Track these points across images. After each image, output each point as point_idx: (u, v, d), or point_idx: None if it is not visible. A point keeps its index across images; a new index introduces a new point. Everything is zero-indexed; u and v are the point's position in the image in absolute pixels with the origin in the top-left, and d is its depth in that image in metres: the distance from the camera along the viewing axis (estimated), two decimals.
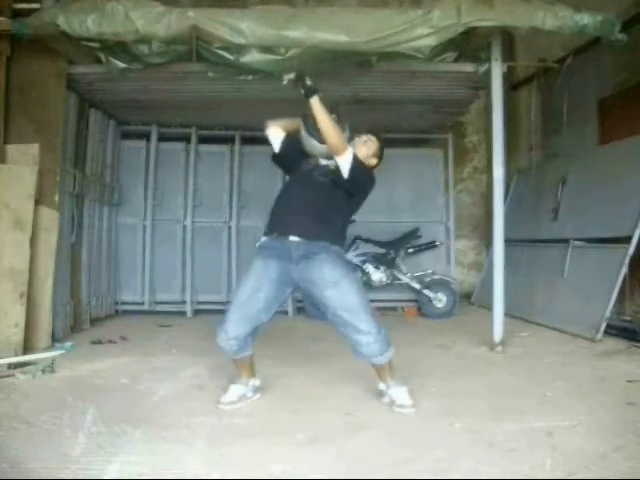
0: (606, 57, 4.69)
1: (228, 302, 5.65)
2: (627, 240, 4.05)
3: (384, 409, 2.61)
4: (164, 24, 3.42)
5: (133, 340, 4.24)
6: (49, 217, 3.91)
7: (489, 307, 4.09)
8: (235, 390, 2.70)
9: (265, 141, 2.88)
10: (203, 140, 5.85)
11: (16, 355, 3.40)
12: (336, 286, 2.47)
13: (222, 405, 2.62)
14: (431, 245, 5.75)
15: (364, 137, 2.79)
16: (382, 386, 2.67)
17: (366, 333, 2.46)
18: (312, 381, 3.10)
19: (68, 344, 3.89)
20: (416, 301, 5.64)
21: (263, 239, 2.64)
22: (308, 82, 2.56)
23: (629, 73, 4.65)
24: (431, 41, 3.46)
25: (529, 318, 4.83)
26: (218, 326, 2.58)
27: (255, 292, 2.50)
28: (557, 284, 4.74)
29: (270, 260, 2.54)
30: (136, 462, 1.98)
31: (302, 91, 2.55)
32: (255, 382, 2.78)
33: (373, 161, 2.79)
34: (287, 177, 3.08)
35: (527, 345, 4.02)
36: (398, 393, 2.61)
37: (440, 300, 5.46)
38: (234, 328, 2.52)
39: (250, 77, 3.82)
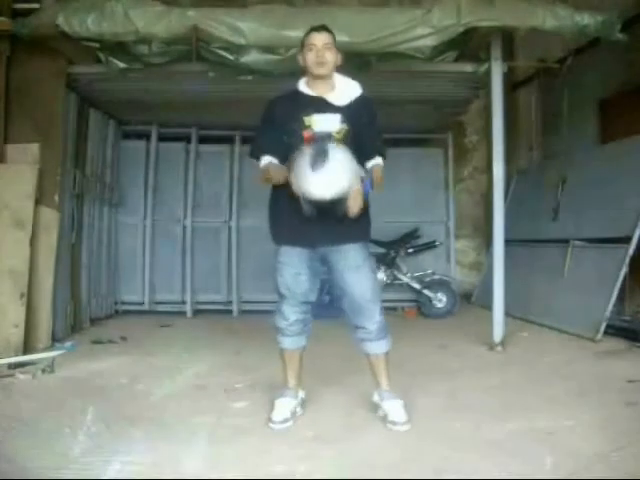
0: (606, 57, 4.68)
1: (229, 302, 5.72)
2: (627, 240, 4.04)
3: None
4: (164, 24, 3.43)
5: (133, 340, 4.24)
6: (49, 217, 3.91)
7: (489, 307, 4.08)
8: (285, 405, 2.42)
9: None
10: (203, 140, 5.85)
11: (16, 355, 3.40)
12: (357, 270, 2.36)
13: (274, 425, 2.33)
14: (431, 245, 5.75)
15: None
16: (376, 397, 2.47)
17: (369, 318, 2.37)
18: (313, 380, 3.08)
19: (68, 344, 3.89)
20: (416, 301, 5.63)
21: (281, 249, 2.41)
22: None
23: (629, 73, 4.65)
24: (431, 41, 3.47)
25: (529, 318, 4.83)
26: (276, 316, 2.47)
27: (297, 276, 2.39)
28: (557, 284, 4.74)
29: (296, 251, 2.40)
30: (136, 462, 1.98)
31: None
32: (302, 393, 2.57)
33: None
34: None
35: (527, 345, 4.02)
36: (391, 407, 2.37)
37: (440, 300, 5.45)
38: (291, 312, 2.42)
39: (250, 77, 3.83)
